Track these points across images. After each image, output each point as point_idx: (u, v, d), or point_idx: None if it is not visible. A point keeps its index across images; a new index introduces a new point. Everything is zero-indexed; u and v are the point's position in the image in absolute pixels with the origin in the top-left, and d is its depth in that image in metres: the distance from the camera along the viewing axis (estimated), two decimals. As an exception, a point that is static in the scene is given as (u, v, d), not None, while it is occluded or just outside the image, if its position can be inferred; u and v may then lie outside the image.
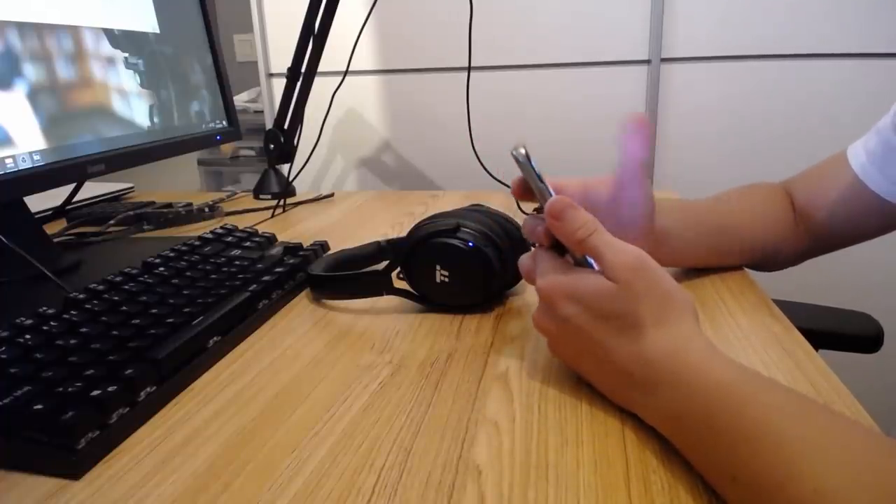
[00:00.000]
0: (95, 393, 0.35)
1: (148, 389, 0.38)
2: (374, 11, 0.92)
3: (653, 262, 0.35)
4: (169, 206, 0.89)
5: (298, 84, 0.95)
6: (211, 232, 0.66)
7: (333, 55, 0.94)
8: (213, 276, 0.54)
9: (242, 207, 0.93)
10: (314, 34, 0.91)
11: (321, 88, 0.96)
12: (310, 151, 0.98)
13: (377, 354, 0.45)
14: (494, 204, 0.58)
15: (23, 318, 0.43)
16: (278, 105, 0.97)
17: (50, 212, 0.88)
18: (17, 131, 0.55)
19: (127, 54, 0.70)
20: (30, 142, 0.57)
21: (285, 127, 0.98)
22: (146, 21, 0.74)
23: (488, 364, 0.42)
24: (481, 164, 0.91)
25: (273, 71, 1.33)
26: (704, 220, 0.55)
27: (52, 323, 0.42)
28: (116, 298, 0.47)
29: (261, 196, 1.01)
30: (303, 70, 0.94)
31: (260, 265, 0.57)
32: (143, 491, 0.31)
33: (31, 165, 0.57)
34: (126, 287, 0.50)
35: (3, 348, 0.39)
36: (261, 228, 0.72)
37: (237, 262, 0.58)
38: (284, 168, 1.02)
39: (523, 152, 0.38)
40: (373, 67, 1.25)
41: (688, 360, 0.32)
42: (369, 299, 0.54)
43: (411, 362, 0.43)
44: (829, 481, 0.24)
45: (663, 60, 1.12)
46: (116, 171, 0.66)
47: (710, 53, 1.11)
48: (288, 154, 0.99)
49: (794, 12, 1.06)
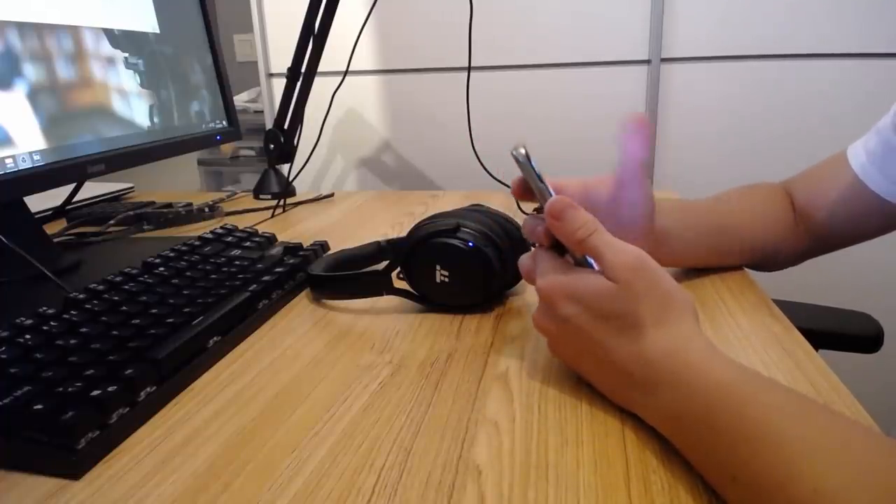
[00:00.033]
0: (95, 393, 0.35)
1: (148, 389, 0.38)
2: (374, 11, 0.92)
3: (653, 263, 0.35)
4: (169, 206, 0.89)
5: (298, 84, 0.95)
6: (211, 232, 0.66)
7: (333, 55, 0.94)
8: (213, 276, 0.54)
9: (242, 207, 0.93)
10: (314, 34, 0.91)
11: (321, 88, 0.96)
12: (310, 151, 0.98)
13: (377, 354, 0.45)
14: (494, 204, 0.58)
15: (23, 318, 0.43)
16: (278, 105, 0.97)
17: (50, 212, 0.88)
18: (17, 131, 0.55)
19: (127, 54, 0.70)
20: (30, 142, 0.57)
21: (285, 127, 0.98)
22: (146, 21, 0.74)
23: (488, 364, 0.42)
24: (481, 164, 0.91)
25: (273, 71, 1.33)
26: (704, 220, 0.55)
27: (52, 323, 0.42)
28: (116, 298, 0.47)
29: (261, 196, 1.01)
30: (303, 70, 0.94)
31: (260, 265, 0.57)
32: (143, 491, 0.31)
33: (31, 165, 0.57)
34: (126, 287, 0.50)
35: (3, 348, 0.39)
36: (261, 228, 0.72)
37: (237, 262, 0.58)
38: (284, 168, 1.02)
39: (523, 152, 0.38)
40: (373, 67, 1.25)
41: (688, 359, 0.32)
42: (369, 299, 0.54)
43: (411, 362, 0.43)
44: (829, 481, 0.24)
45: (663, 60, 1.12)
46: (116, 171, 0.66)
47: (710, 53, 1.11)
48: (288, 154, 0.99)
49: (794, 12, 1.06)
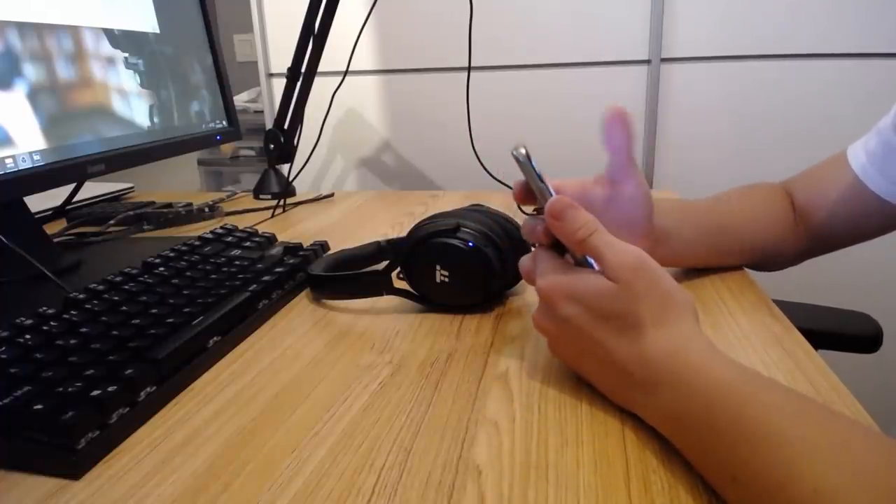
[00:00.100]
0: (95, 393, 0.35)
1: (148, 389, 0.38)
2: (374, 11, 0.92)
3: (653, 263, 0.35)
4: (169, 206, 0.89)
5: (298, 84, 0.95)
6: (211, 232, 0.66)
7: (333, 55, 0.94)
8: (213, 276, 0.54)
9: (242, 207, 0.93)
10: (314, 34, 0.91)
11: (321, 88, 0.96)
12: (310, 151, 0.98)
13: (377, 354, 0.45)
14: (494, 204, 0.58)
15: (23, 318, 0.43)
16: (278, 105, 0.97)
17: (50, 212, 0.88)
18: (17, 131, 0.55)
19: (127, 54, 0.70)
20: (30, 142, 0.57)
21: (285, 127, 0.98)
22: (146, 21, 0.74)
23: (488, 364, 0.42)
24: (481, 164, 0.91)
25: (273, 71, 1.33)
26: (704, 220, 0.55)
27: (52, 323, 0.42)
28: (116, 298, 0.47)
29: (261, 196, 1.01)
30: (303, 70, 0.94)
31: (260, 265, 0.57)
32: (143, 491, 0.31)
33: (31, 165, 0.57)
34: (126, 287, 0.50)
35: (3, 348, 0.39)
36: (261, 228, 0.72)
37: (237, 262, 0.58)
38: (284, 168, 1.02)
39: (523, 152, 0.38)
40: (373, 67, 1.25)
41: (688, 359, 0.32)
42: (369, 299, 0.54)
43: (411, 362, 0.43)
44: (829, 481, 0.24)
45: (663, 60, 1.12)
46: (116, 171, 0.66)
47: (710, 53, 1.11)
48: (288, 154, 0.99)
49: (794, 12, 1.06)
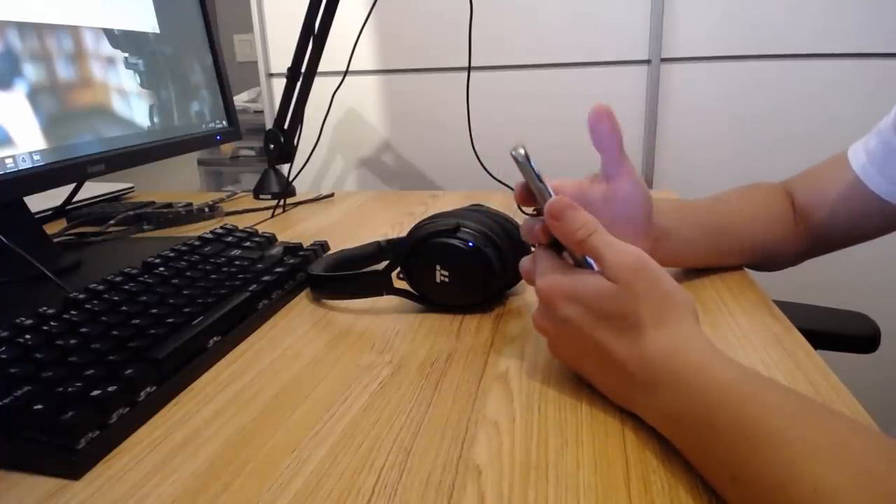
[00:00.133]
0: (95, 393, 0.35)
1: (148, 389, 0.38)
2: (374, 11, 0.92)
3: (653, 263, 0.35)
4: (169, 206, 0.89)
5: (298, 84, 0.95)
6: (211, 232, 0.66)
7: (333, 55, 0.94)
8: (213, 277, 0.54)
9: (242, 207, 0.93)
10: (314, 34, 0.91)
11: (321, 88, 0.96)
12: (310, 151, 0.98)
13: (377, 354, 0.45)
14: (494, 204, 0.58)
15: (23, 318, 0.43)
16: (278, 105, 0.97)
17: (50, 212, 0.88)
18: (17, 131, 0.55)
19: (127, 54, 0.70)
20: (30, 142, 0.57)
21: (285, 127, 0.98)
22: (146, 21, 0.74)
23: (488, 364, 0.42)
24: (481, 164, 0.91)
25: (273, 71, 1.33)
26: (704, 220, 0.55)
27: (52, 323, 0.42)
28: (116, 298, 0.47)
29: (261, 196, 1.01)
30: (303, 70, 0.94)
31: (260, 265, 0.57)
32: (143, 491, 0.31)
33: (31, 165, 0.57)
34: (126, 287, 0.50)
35: (3, 348, 0.39)
36: (261, 228, 0.72)
37: (237, 262, 0.58)
38: (284, 168, 1.02)
39: (522, 152, 0.38)
40: (373, 67, 1.25)
41: (688, 359, 0.32)
42: (369, 299, 0.54)
43: (411, 362, 0.43)
44: (829, 481, 0.24)
45: (663, 60, 1.12)
46: (116, 171, 0.66)
47: (710, 53, 1.11)
48: (288, 154, 0.99)
49: (794, 12, 1.06)
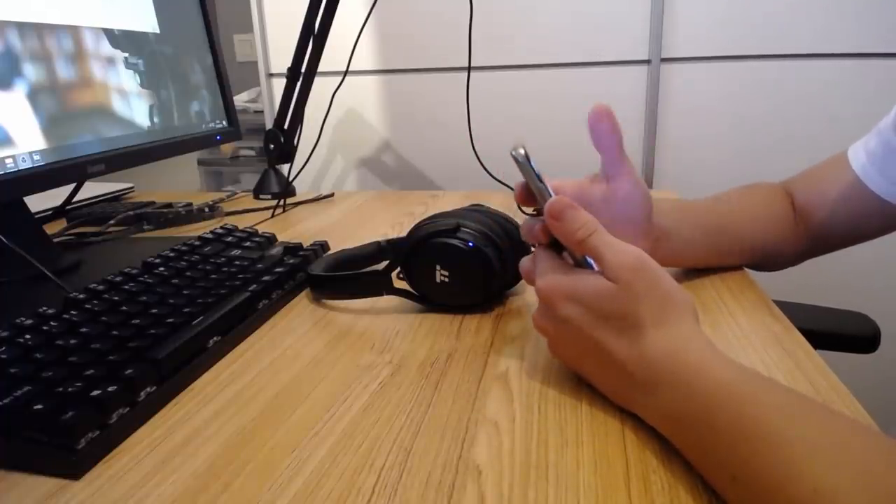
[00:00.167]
0: (95, 393, 0.35)
1: (148, 389, 0.38)
2: (374, 11, 0.92)
3: (653, 263, 0.35)
4: (169, 206, 0.89)
5: (298, 84, 0.95)
6: (211, 232, 0.66)
7: (333, 55, 0.94)
8: (213, 276, 0.54)
9: (242, 207, 0.93)
10: (314, 34, 0.91)
11: (321, 88, 0.96)
12: (310, 151, 0.98)
13: (377, 354, 0.45)
14: (494, 204, 0.58)
15: (23, 318, 0.43)
16: (278, 105, 0.97)
17: (50, 212, 0.88)
18: (17, 131, 0.55)
19: (127, 54, 0.70)
20: (30, 142, 0.57)
21: (285, 127, 0.98)
22: (146, 21, 0.74)
23: (488, 364, 0.42)
24: (481, 164, 0.91)
25: (273, 71, 1.32)
26: (704, 220, 0.55)
27: (52, 323, 0.42)
28: (116, 298, 0.47)
29: (261, 196, 1.01)
30: (303, 70, 0.94)
31: (260, 265, 0.57)
32: (143, 491, 0.31)
33: (31, 165, 0.57)
34: (126, 287, 0.50)
35: (3, 348, 0.39)
36: (261, 228, 0.72)
37: (237, 262, 0.58)
38: (284, 168, 1.02)
39: (522, 152, 0.38)
40: (373, 67, 1.25)
41: (687, 359, 0.32)
42: (369, 299, 0.54)
43: (411, 362, 0.43)
44: (829, 481, 0.24)
45: (663, 60, 1.12)
46: (116, 171, 0.66)
47: (710, 53, 1.11)
48: (288, 154, 0.99)
49: (794, 12, 1.06)
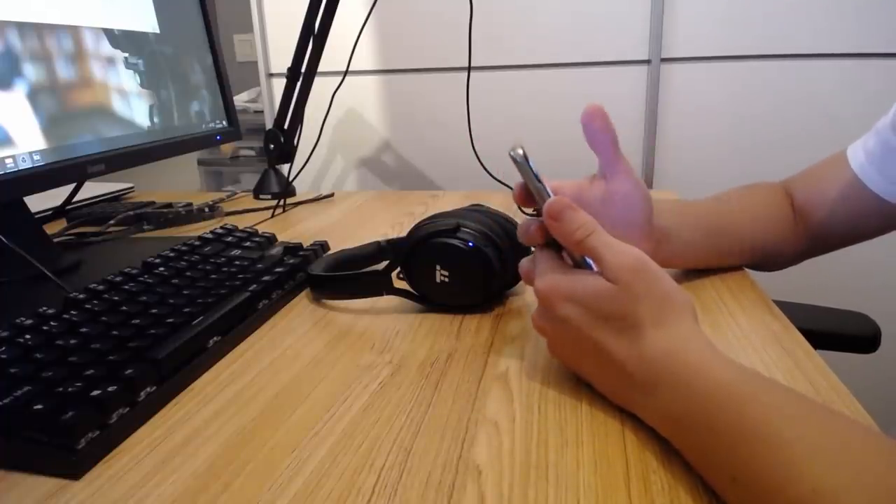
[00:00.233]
0: (95, 393, 0.35)
1: (148, 389, 0.38)
2: (374, 11, 0.92)
3: (652, 263, 0.35)
4: (169, 206, 0.89)
5: (298, 84, 0.95)
6: (211, 232, 0.66)
7: (333, 55, 0.94)
8: (213, 276, 0.54)
9: (242, 207, 0.93)
10: (314, 34, 0.91)
11: (321, 88, 0.96)
12: (310, 151, 0.98)
13: (377, 354, 0.45)
14: (494, 204, 0.58)
15: (23, 318, 0.43)
16: (278, 105, 0.97)
17: (50, 212, 0.88)
18: (17, 131, 0.55)
19: (127, 54, 0.70)
20: (30, 142, 0.57)
21: (285, 127, 0.98)
22: (146, 21, 0.74)
23: (488, 364, 0.42)
24: (481, 164, 0.91)
25: (273, 71, 1.32)
26: (704, 221, 0.55)
27: (52, 323, 0.42)
28: (116, 298, 0.47)
29: (261, 196, 1.01)
30: (303, 70, 0.94)
31: (260, 265, 0.57)
32: (143, 491, 0.31)
33: (31, 165, 0.57)
34: (126, 287, 0.50)
35: (3, 348, 0.39)
36: (261, 228, 0.72)
37: (237, 262, 0.58)
38: (284, 168, 1.02)
39: (521, 153, 0.38)
40: (373, 67, 1.25)
41: (687, 360, 0.32)
42: (369, 299, 0.54)
43: (411, 362, 0.43)
44: (828, 481, 0.24)
45: (663, 60, 1.12)
46: (116, 171, 0.66)
47: (711, 53, 1.11)
48: (288, 154, 0.99)
49: (794, 12, 1.06)
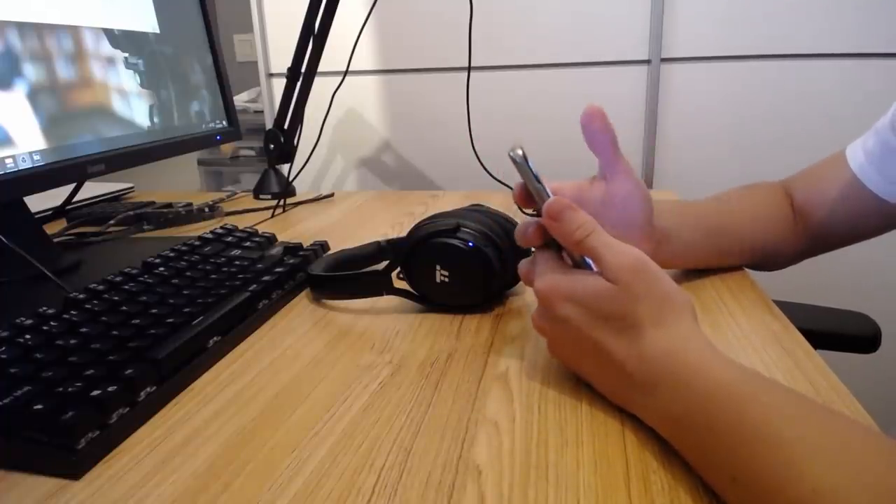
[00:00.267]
0: (95, 393, 0.35)
1: (148, 389, 0.38)
2: (374, 11, 0.92)
3: (652, 264, 0.35)
4: (169, 206, 0.89)
5: (298, 84, 0.95)
6: (211, 232, 0.66)
7: (333, 55, 0.94)
8: (213, 276, 0.54)
9: (242, 207, 0.93)
10: (314, 34, 0.91)
11: (321, 88, 0.96)
12: (310, 151, 0.98)
13: (377, 354, 0.45)
14: (494, 204, 0.58)
15: (23, 318, 0.43)
16: (278, 105, 0.97)
17: (50, 212, 0.88)
18: (17, 131, 0.55)
19: (127, 54, 0.70)
20: (30, 142, 0.57)
21: (285, 127, 0.98)
22: (146, 21, 0.74)
23: (488, 364, 0.42)
24: (481, 164, 0.91)
25: (273, 71, 1.33)
26: (704, 222, 0.55)
27: (52, 323, 0.42)
28: (116, 298, 0.47)
29: (261, 196, 1.01)
30: (303, 70, 0.94)
31: (260, 265, 0.57)
32: (143, 491, 0.31)
33: (31, 165, 0.57)
34: (126, 287, 0.50)
35: (3, 348, 0.39)
36: (261, 228, 0.72)
37: (237, 263, 0.58)
38: (284, 168, 1.02)
39: (520, 153, 0.38)
40: (373, 67, 1.25)
41: (686, 360, 0.32)
42: (369, 299, 0.54)
43: (411, 362, 0.43)
44: (828, 481, 0.24)
45: (663, 60, 1.12)
46: (116, 171, 0.66)
47: (710, 53, 1.11)
48: (288, 154, 0.99)
49: (794, 12, 1.06)
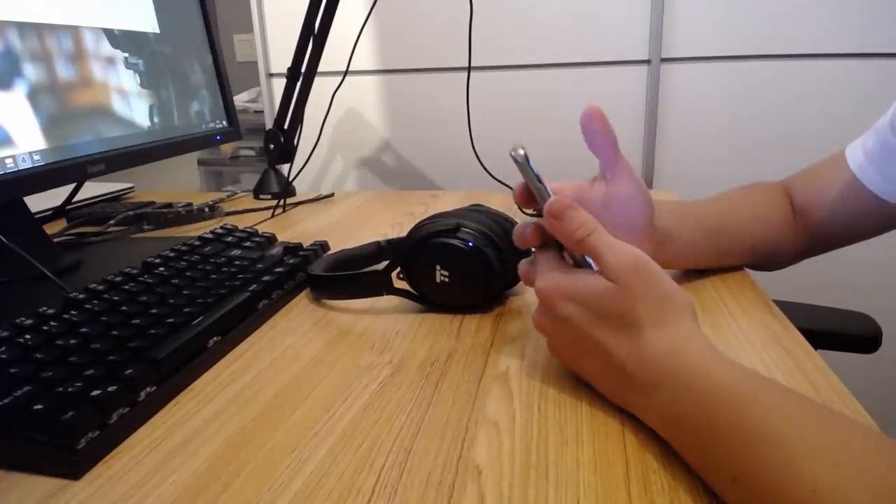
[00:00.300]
0: (95, 393, 0.35)
1: (148, 389, 0.38)
2: (374, 11, 0.92)
3: (652, 263, 0.35)
4: (169, 206, 0.89)
5: (298, 84, 0.95)
6: (211, 232, 0.66)
7: (333, 55, 0.94)
8: (213, 277, 0.54)
9: (242, 207, 0.93)
10: (314, 34, 0.91)
11: (321, 88, 0.96)
12: (310, 151, 0.98)
13: (377, 354, 0.45)
14: (494, 204, 0.58)
15: (23, 318, 0.43)
16: (278, 105, 0.98)
17: (50, 212, 0.88)
18: (17, 131, 0.55)
19: (127, 54, 0.70)
20: (30, 142, 0.57)
21: (285, 127, 0.98)
22: (146, 21, 0.74)
23: (488, 364, 0.42)
24: (481, 164, 0.91)
25: (273, 71, 1.33)
26: (704, 222, 0.55)
27: (52, 323, 0.42)
28: (116, 298, 0.47)
29: (261, 196, 1.01)
30: (303, 70, 0.94)
31: (260, 265, 0.57)
32: (143, 491, 0.31)
33: (31, 165, 0.57)
34: (126, 287, 0.50)
35: (3, 348, 0.39)
36: (261, 228, 0.72)
37: (237, 262, 0.58)
38: (284, 168, 1.02)
39: (522, 153, 0.38)
40: (373, 67, 1.25)
41: (686, 360, 0.32)
42: (369, 299, 0.54)
43: (411, 362, 0.43)
44: (828, 481, 0.24)
45: (663, 60, 1.12)
46: (116, 171, 0.66)
47: (710, 53, 1.11)
48: (288, 154, 0.99)
49: (795, 12, 1.06)
